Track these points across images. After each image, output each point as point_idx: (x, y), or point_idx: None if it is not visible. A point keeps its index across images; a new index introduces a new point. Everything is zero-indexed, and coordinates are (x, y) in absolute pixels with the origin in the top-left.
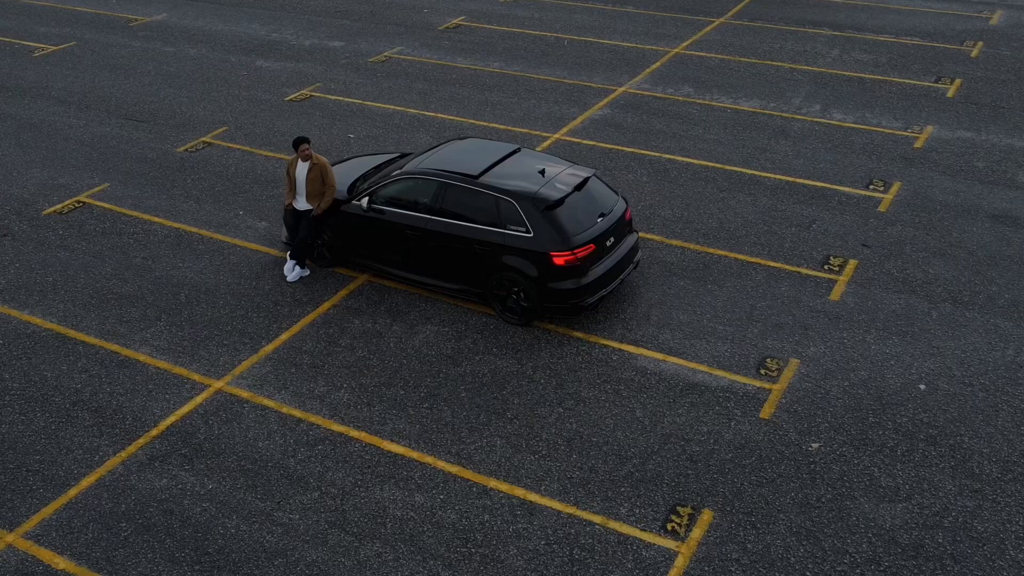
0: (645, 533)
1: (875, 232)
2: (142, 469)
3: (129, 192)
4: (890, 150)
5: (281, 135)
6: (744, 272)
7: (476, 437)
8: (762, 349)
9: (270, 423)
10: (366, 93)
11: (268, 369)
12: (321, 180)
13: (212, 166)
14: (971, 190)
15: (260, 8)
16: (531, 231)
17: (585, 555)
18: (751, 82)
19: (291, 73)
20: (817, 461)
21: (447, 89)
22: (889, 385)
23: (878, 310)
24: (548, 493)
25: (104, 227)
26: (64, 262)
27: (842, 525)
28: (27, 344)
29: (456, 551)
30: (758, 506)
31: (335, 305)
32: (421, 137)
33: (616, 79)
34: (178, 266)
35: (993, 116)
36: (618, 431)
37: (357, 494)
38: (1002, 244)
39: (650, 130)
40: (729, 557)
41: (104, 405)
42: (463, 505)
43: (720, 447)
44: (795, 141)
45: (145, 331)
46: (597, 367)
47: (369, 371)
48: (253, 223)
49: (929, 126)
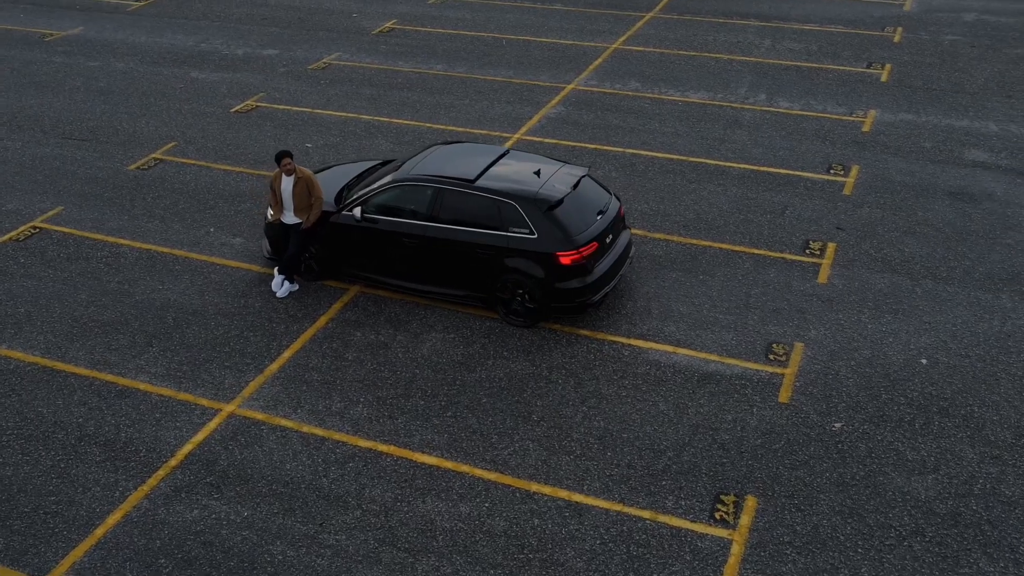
0: (696, 524)
1: (845, 215)
2: (169, 501)
3: (86, 215)
4: (841, 135)
5: (235, 148)
6: (731, 261)
7: (507, 442)
8: (765, 335)
9: (293, 444)
10: (313, 101)
11: (278, 389)
12: (307, 193)
13: (169, 183)
14: (924, 170)
15: (180, 19)
16: (535, 232)
17: (642, 551)
18: (694, 74)
19: (230, 84)
20: (843, 440)
21: (396, 94)
22: (892, 362)
23: (866, 290)
24: (592, 492)
25: (68, 252)
26: (33, 291)
27: (880, 501)
28: (12, 380)
29: (513, 558)
30: (797, 489)
31: (332, 319)
32: (380, 143)
33: (562, 77)
34: (158, 288)
35: (928, 98)
36: (646, 425)
37: (400, 509)
38: (965, 220)
39: (608, 126)
40: (782, 541)
41: (112, 438)
42: (510, 511)
43: (748, 434)
44: (750, 130)
45: (138, 358)
46: (611, 363)
47: (383, 383)
48: (227, 240)
49: (872, 110)
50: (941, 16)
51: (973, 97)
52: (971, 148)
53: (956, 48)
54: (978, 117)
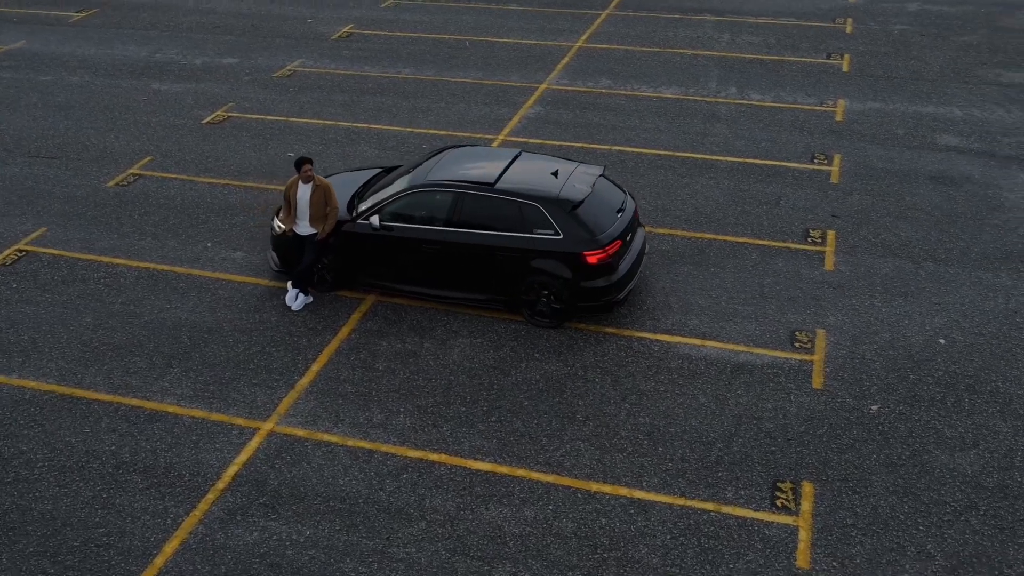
0: (759, 513)
1: (838, 203)
2: (225, 525)
3: (73, 235)
4: (816, 125)
5: (215, 160)
6: (738, 252)
7: (557, 443)
8: (786, 323)
9: (341, 459)
10: (286, 109)
11: (314, 404)
12: (323, 202)
13: (154, 199)
14: (902, 156)
15: (127, 29)
16: (560, 233)
17: (714, 543)
18: (663, 70)
19: (195, 94)
20: (882, 422)
21: (369, 99)
22: (912, 343)
23: (872, 275)
24: (651, 488)
25: (62, 275)
26: (33, 317)
27: (930, 478)
28: (31, 410)
29: (588, 559)
30: (849, 472)
31: (354, 329)
32: (365, 150)
33: (533, 77)
34: (166, 308)
35: (891, 86)
36: (690, 419)
37: (464, 517)
38: (951, 203)
39: (589, 124)
40: (845, 524)
41: (152, 464)
42: (575, 512)
43: (791, 421)
44: (728, 123)
45: (160, 380)
46: (643, 359)
47: (420, 392)
48: (227, 254)
49: (841, 100)
50: (887, 7)
51: (933, 84)
52: (941, 133)
53: (907, 37)
54: (941, 103)
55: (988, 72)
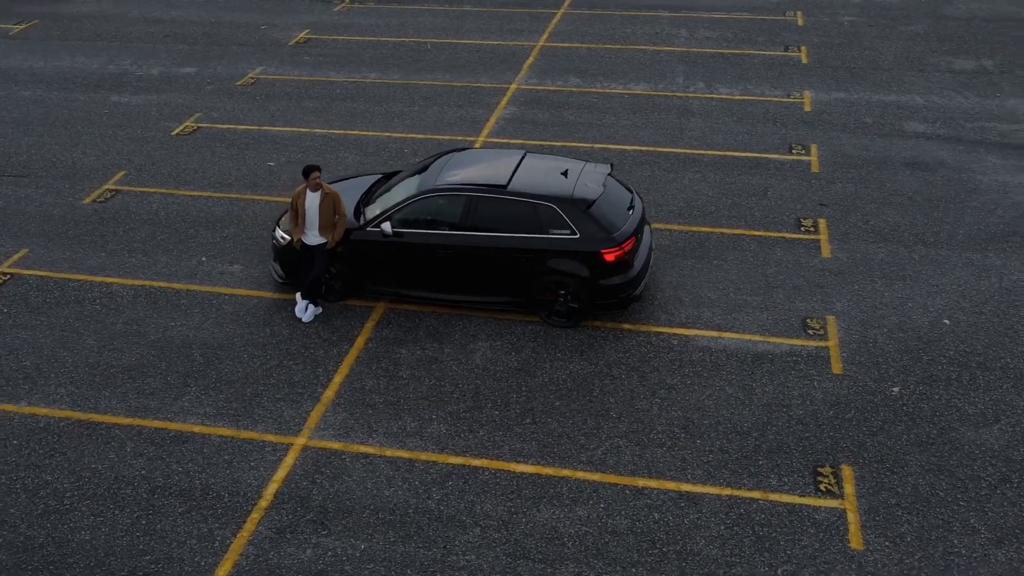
0: (806, 498)
1: (822, 191)
2: (276, 544)
3: (57, 255)
4: (787, 116)
5: (192, 172)
6: (736, 244)
7: (596, 442)
8: (796, 311)
9: (382, 469)
10: (257, 118)
11: (343, 415)
12: (332, 211)
13: (136, 215)
14: (875, 144)
15: (73, 40)
16: (576, 232)
17: (767, 530)
18: (628, 67)
19: (159, 106)
20: (905, 403)
21: (340, 105)
22: (919, 325)
23: (869, 261)
24: (696, 480)
25: (54, 297)
26: (32, 342)
27: (961, 455)
28: (49, 439)
29: (648, 554)
30: (883, 453)
31: (370, 338)
32: (346, 157)
33: (501, 77)
34: (171, 326)
35: (851, 77)
36: (722, 410)
37: (518, 521)
38: (929, 188)
39: (566, 123)
40: (889, 504)
41: (187, 487)
42: (627, 509)
43: (818, 407)
44: (703, 118)
45: (179, 400)
46: (665, 354)
47: (449, 398)
48: (224, 268)
49: (806, 91)
50: None
51: (890, 73)
52: (908, 120)
53: (857, 28)
54: (902, 91)
55: (939, 60)
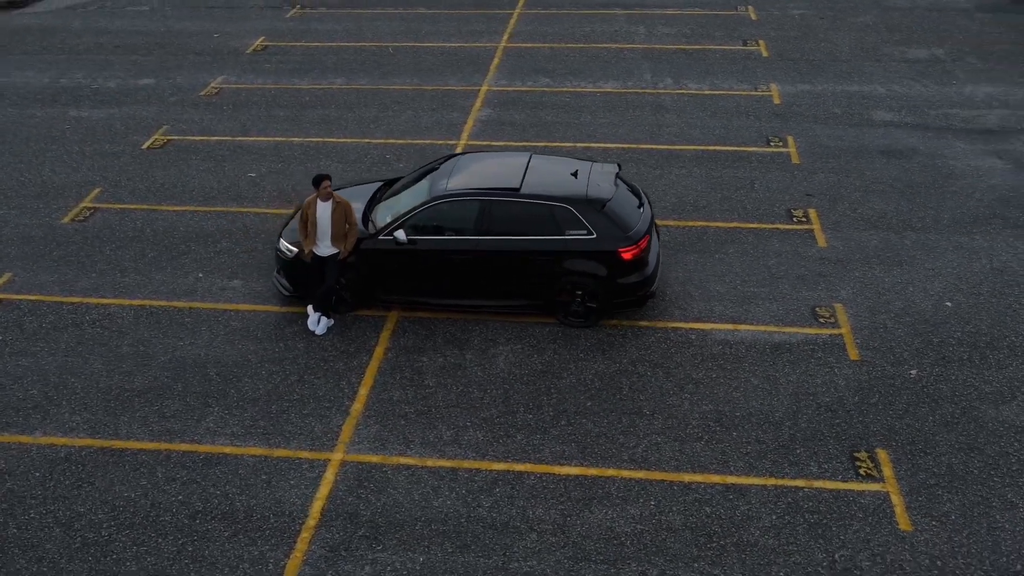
0: (848, 483)
1: (806, 182)
2: (332, 563)
3: (45, 278)
4: (759, 109)
5: (172, 187)
6: (733, 237)
7: (635, 439)
8: (803, 301)
9: (426, 480)
10: (228, 128)
11: (376, 427)
12: (344, 220)
13: (121, 232)
14: (847, 133)
15: (18, 54)
16: (593, 232)
17: (818, 517)
18: (595, 66)
19: (123, 120)
20: (925, 385)
21: (311, 112)
22: (923, 308)
23: (864, 248)
24: (739, 472)
25: (50, 321)
26: (35, 369)
27: (987, 432)
28: (74, 469)
29: (708, 548)
30: (913, 435)
31: (388, 348)
32: (328, 165)
33: (470, 79)
34: (179, 346)
35: (812, 69)
36: (751, 401)
37: (573, 524)
38: (907, 174)
39: (544, 123)
40: (928, 484)
41: (229, 509)
42: (677, 505)
43: (843, 393)
44: (677, 114)
45: (203, 422)
46: (685, 349)
47: (480, 404)
48: (224, 283)
49: (772, 84)
50: None
51: (849, 64)
52: (875, 110)
53: (808, 21)
54: (863, 82)
55: (893, 50)
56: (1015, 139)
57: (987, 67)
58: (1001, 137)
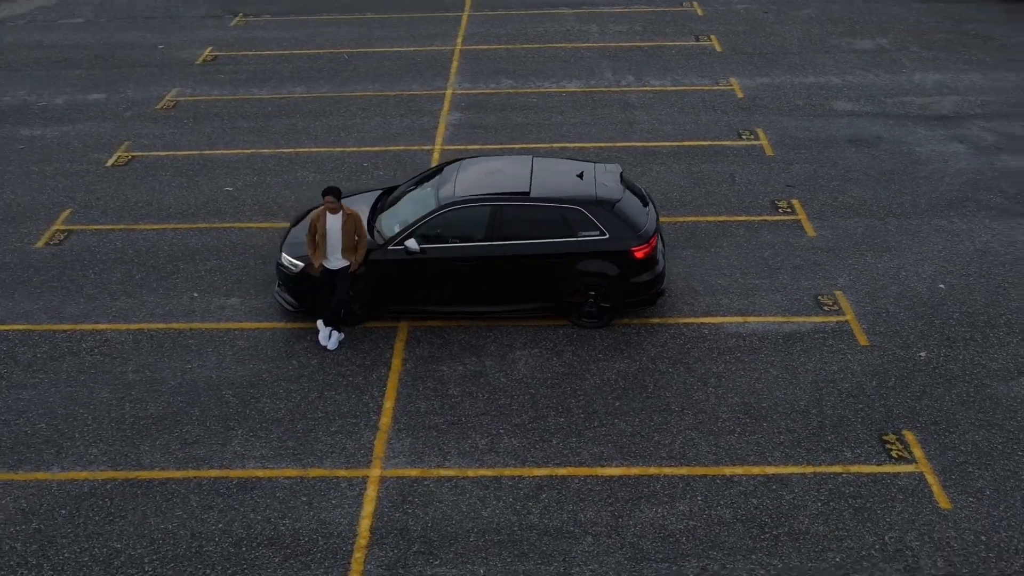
0: (884, 466)
1: (783, 173)
2: None
3: (29, 306)
4: (724, 104)
5: (146, 204)
6: (725, 231)
7: (669, 436)
8: (804, 290)
9: (470, 490)
10: (194, 143)
11: (409, 441)
12: (354, 232)
13: (101, 254)
14: (814, 124)
15: None
16: (605, 233)
17: (862, 501)
18: (554, 66)
19: (80, 137)
20: (936, 366)
21: (277, 122)
22: (919, 292)
23: (851, 236)
24: (777, 462)
25: (44, 351)
26: (40, 402)
27: (1003, 408)
28: (102, 504)
29: (761, 539)
30: (935, 416)
31: (405, 359)
32: (306, 176)
33: (432, 83)
34: (188, 369)
35: (766, 62)
36: (775, 391)
37: (626, 524)
38: (878, 162)
39: (515, 125)
40: (958, 462)
41: (274, 535)
42: (724, 498)
43: (860, 378)
44: (645, 111)
45: (229, 446)
46: (701, 344)
47: (509, 411)
48: (221, 302)
49: (732, 78)
50: None
51: (801, 56)
52: (834, 100)
53: (753, 15)
54: (818, 73)
55: (840, 41)
56: (971, 124)
57: (931, 55)
58: (957, 122)
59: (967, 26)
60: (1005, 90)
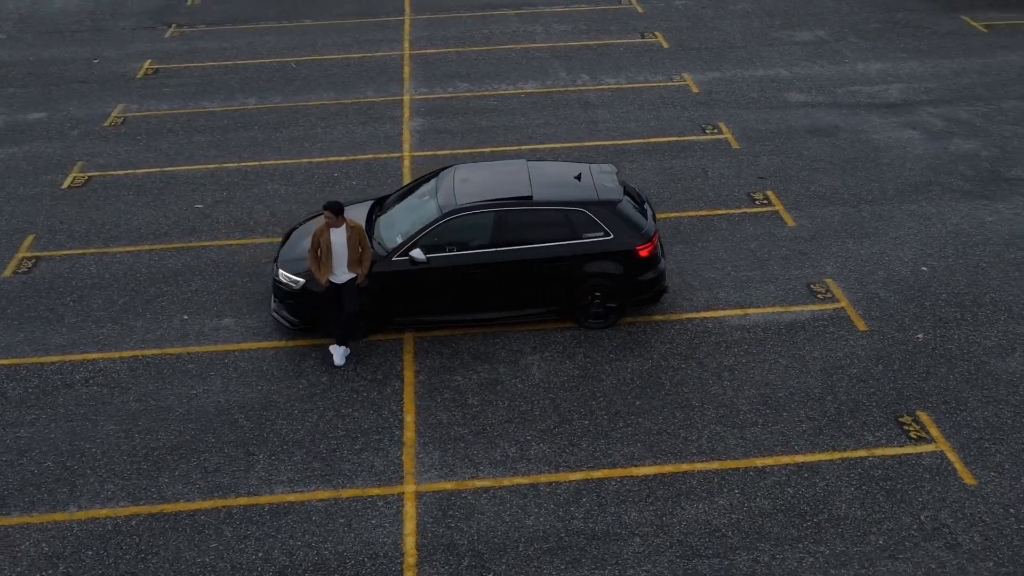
0: (906, 447)
1: (753, 166)
2: None
3: (8, 339)
4: (681, 99)
5: (113, 226)
6: (709, 225)
7: (695, 433)
8: (796, 279)
9: (508, 500)
10: (151, 159)
11: (438, 453)
12: (359, 245)
13: (76, 281)
14: (772, 117)
15: None
16: (610, 233)
17: (891, 483)
18: (508, 67)
19: (27, 159)
20: (935, 347)
21: (236, 135)
22: (904, 276)
23: (830, 224)
24: (803, 450)
25: (35, 385)
26: (42, 439)
27: (1005, 384)
28: (130, 542)
29: (804, 527)
30: (944, 396)
31: (417, 371)
32: (278, 189)
33: (387, 89)
34: (193, 395)
35: (714, 57)
36: (788, 380)
37: (671, 522)
38: (840, 151)
39: (481, 128)
40: (975, 439)
41: (319, 560)
42: (760, 490)
43: (866, 363)
44: (607, 109)
45: (253, 471)
46: (707, 338)
47: (532, 417)
48: (215, 323)
49: (684, 74)
50: None
51: (746, 50)
52: (787, 92)
53: (692, 11)
54: (766, 66)
55: (780, 34)
56: (919, 110)
57: (869, 45)
58: (907, 109)
59: (897, 16)
60: (944, 76)
